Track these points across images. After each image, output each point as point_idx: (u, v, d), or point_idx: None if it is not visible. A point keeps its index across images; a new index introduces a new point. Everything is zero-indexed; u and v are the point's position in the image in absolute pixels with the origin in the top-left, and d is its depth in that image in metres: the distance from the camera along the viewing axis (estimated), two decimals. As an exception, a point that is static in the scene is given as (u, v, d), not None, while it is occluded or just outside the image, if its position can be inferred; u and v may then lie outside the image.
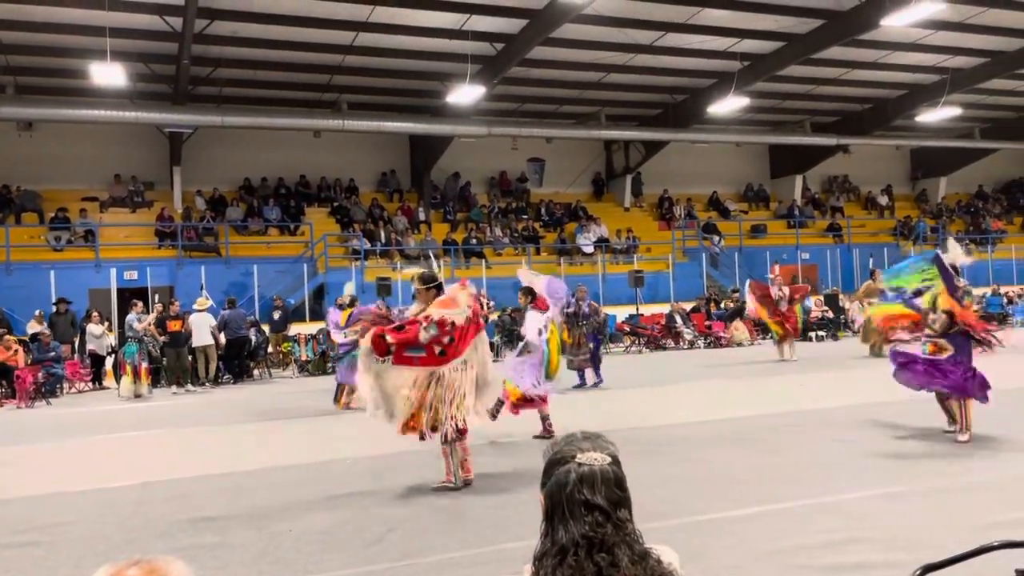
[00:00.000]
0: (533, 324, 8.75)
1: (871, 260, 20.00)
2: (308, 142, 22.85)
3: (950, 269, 7.49)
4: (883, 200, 30.10)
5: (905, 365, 7.70)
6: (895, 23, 16.70)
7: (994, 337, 7.67)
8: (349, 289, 12.73)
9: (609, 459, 1.65)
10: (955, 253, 7.73)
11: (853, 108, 26.35)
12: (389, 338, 6.19)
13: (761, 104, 24.57)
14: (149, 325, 14.96)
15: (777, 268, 18.56)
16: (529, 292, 9.05)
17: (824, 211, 29.17)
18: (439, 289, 6.60)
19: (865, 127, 26.41)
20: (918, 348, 7.75)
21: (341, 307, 11.69)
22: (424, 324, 6.17)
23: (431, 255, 8.76)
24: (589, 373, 12.78)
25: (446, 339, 6.22)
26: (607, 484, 1.61)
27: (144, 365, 14.38)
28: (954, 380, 7.33)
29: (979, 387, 7.29)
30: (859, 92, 24.90)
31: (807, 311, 19.93)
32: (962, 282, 7.69)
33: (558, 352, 9.36)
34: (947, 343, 7.42)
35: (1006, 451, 7.02)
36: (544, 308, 8.89)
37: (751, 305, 16.84)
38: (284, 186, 23.58)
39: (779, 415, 9.37)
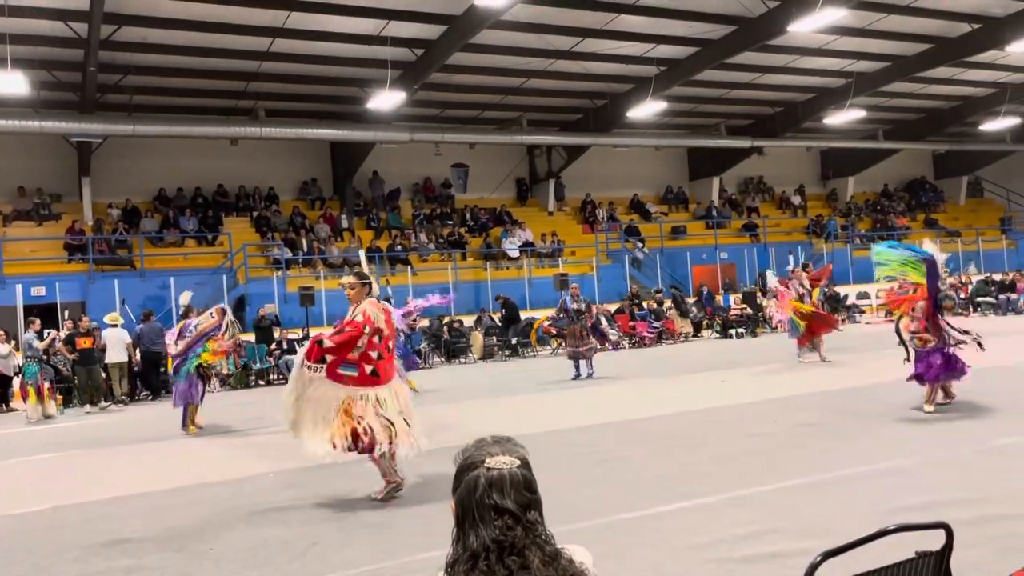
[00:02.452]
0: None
1: (790, 258, 20.43)
2: (225, 150, 22.32)
3: (938, 273, 8.13)
4: (796, 200, 31.17)
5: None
6: (801, 29, 17.33)
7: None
8: (184, 299, 12.06)
9: (518, 462, 1.67)
10: (930, 247, 8.44)
11: (765, 111, 27.21)
12: (327, 343, 6.11)
13: (678, 108, 25.14)
14: (57, 343, 14.32)
15: (792, 261, 17.00)
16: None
17: (741, 211, 30.03)
18: (370, 289, 6.57)
19: (777, 129, 27.31)
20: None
21: (186, 316, 11.29)
22: (366, 328, 6.12)
23: (361, 255, 8.63)
24: (584, 365, 13.93)
25: (374, 354, 6.16)
26: (516, 487, 1.63)
27: (47, 385, 13.75)
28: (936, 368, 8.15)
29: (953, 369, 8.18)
30: (770, 96, 25.74)
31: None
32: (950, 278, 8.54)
33: None
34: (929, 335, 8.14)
35: (915, 438, 7.36)
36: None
37: (773, 306, 15.10)
38: (201, 196, 22.96)
39: (700, 412, 9.60)
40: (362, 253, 8.94)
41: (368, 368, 6.16)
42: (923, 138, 30.47)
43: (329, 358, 6.12)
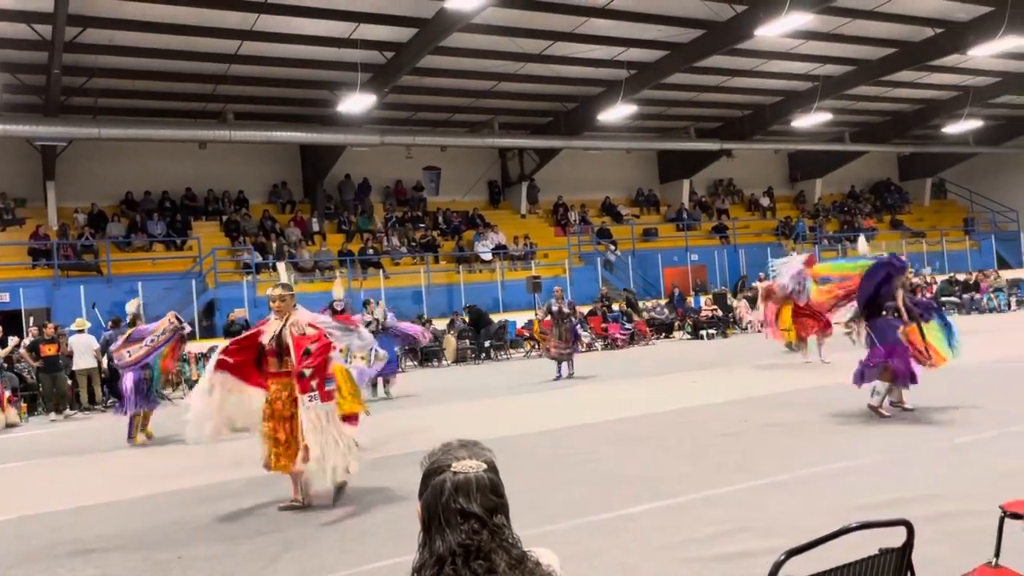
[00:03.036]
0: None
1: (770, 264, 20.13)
2: (193, 154, 22.08)
3: (880, 279, 8.03)
4: (765, 202, 31.52)
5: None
6: (768, 33, 17.53)
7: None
8: (131, 307, 11.54)
9: (485, 466, 1.67)
10: (863, 250, 8.36)
11: (734, 114, 27.48)
12: (308, 371, 6.02)
13: (648, 111, 25.31)
14: (21, 350, 14.05)
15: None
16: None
17: (711, 213, 30.28)
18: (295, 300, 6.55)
19: (746, 132, 27.59)
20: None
21: (132, 324, 10.93)
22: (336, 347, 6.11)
23: (280, 266, 8.48)
24: (565, 366, 14.35)
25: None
26: (483, 491, 1.63)
27: (8, 393, 13.49)
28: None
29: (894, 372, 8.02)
30: (739, 99, 26.00)
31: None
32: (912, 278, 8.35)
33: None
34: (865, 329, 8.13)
35: (878, 436, 7.47)
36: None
37: (761, 309, 14.58)
38: (169, 199, 22.69)
39: (672, 412, 9.67)
40: (281, 266, 8.76)
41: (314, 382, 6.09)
42: (888, 140, 30.97)
43: (315, 383, 6.01)
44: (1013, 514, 3.01)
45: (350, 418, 7.85)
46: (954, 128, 29.00)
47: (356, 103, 19.09)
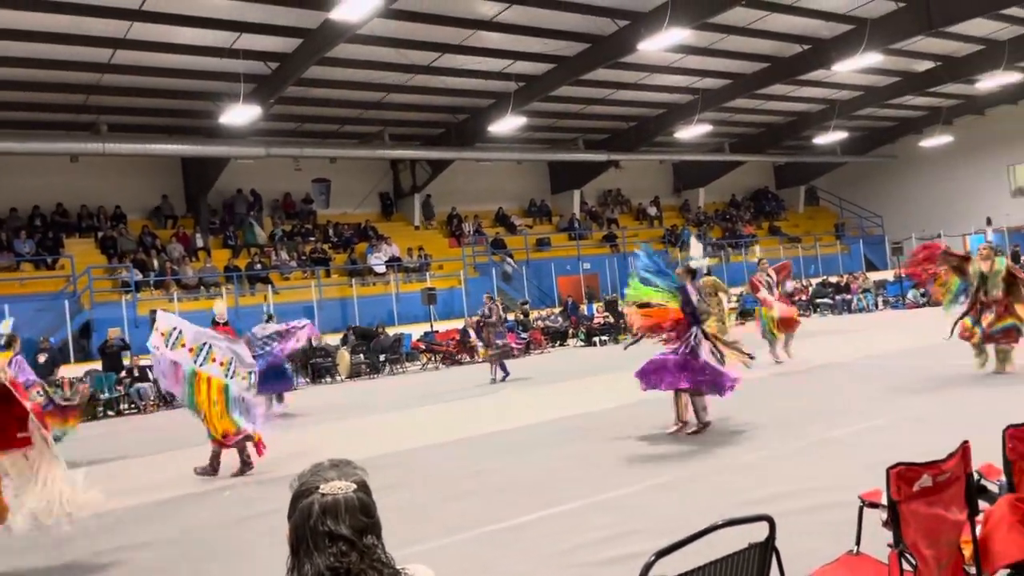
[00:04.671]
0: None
1: (756, 249, 19.84)
2: (65, 167, 20.94)
3: (692, 298, 8.00)
4: (652, 211, 32.53)
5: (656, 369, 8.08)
6: (650, 47, 18.13)
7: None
8: (4, 327, 10.44)
9: (354, 486, 1.66)
10: (696, 251, 8.47)
11: (620, 126, 28.24)
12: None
13: (538, 123, 25.70)
14: None
15: (758, 250, 15.84)
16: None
17: (601, 223, 31.01)
18: None
19: (632, 143, 28.40)
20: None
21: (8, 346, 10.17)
22: None
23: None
24: (499, 368, 14.98)
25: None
26: (351, 512, 1.62)
27: None
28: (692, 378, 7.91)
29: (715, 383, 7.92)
30: (625, 111, 26.75)
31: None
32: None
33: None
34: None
35: (758, 433, 7.81)
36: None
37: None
38: (39, 215, 21.40)
39: (566, 419, 9.81)
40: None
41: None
42: (764, 151, 32.56)
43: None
44: (871, 503, 3.21)
45: (226, 436, 7.62)
46: (823, 139, 30.75)
47: (240, 114, 18.56)
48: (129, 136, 20.32)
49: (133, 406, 16.25)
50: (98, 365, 17.28)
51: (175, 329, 7.62)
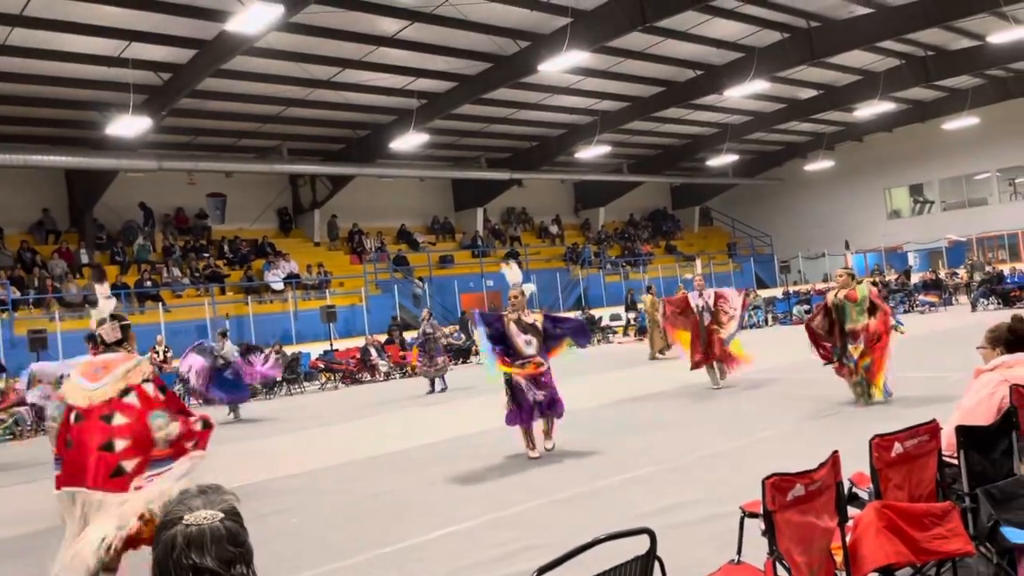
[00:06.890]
0: None
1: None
2: (-67, 178, 19.61)
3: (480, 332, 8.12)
4: (554, 229, 33.02)
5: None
6: (550, 69, 18.48)
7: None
8: None
9: (221, 515, 1.58)
10: (513, 277, 8.52)
11: (523, 145, 28.61)
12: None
13: (440, 140, 25.74)
14: None
15: (699, 265, 14.45)
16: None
17: (504, 240, 31.25)
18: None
19: (534, 163, 28.80)
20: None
21: None
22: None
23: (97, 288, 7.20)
24: (438, 382, 15.74)
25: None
26: (218, 542, 1.54)
27: None
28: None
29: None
30: (527, 131, 27.12)
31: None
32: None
33: None
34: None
35: (654, 447, 8.01)
36: None
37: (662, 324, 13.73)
38: (-98, 229, 19.96)
39: (460, 437, 9.78)
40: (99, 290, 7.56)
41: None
42: (661, 172, 33.60)
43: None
44: (751, 513, 3.35)
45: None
46: (716, 161, 31.97)
47: (129, 126, 17.81)
48: (7, 147, 19.16)
49: (9, 434, 15.24)
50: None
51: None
